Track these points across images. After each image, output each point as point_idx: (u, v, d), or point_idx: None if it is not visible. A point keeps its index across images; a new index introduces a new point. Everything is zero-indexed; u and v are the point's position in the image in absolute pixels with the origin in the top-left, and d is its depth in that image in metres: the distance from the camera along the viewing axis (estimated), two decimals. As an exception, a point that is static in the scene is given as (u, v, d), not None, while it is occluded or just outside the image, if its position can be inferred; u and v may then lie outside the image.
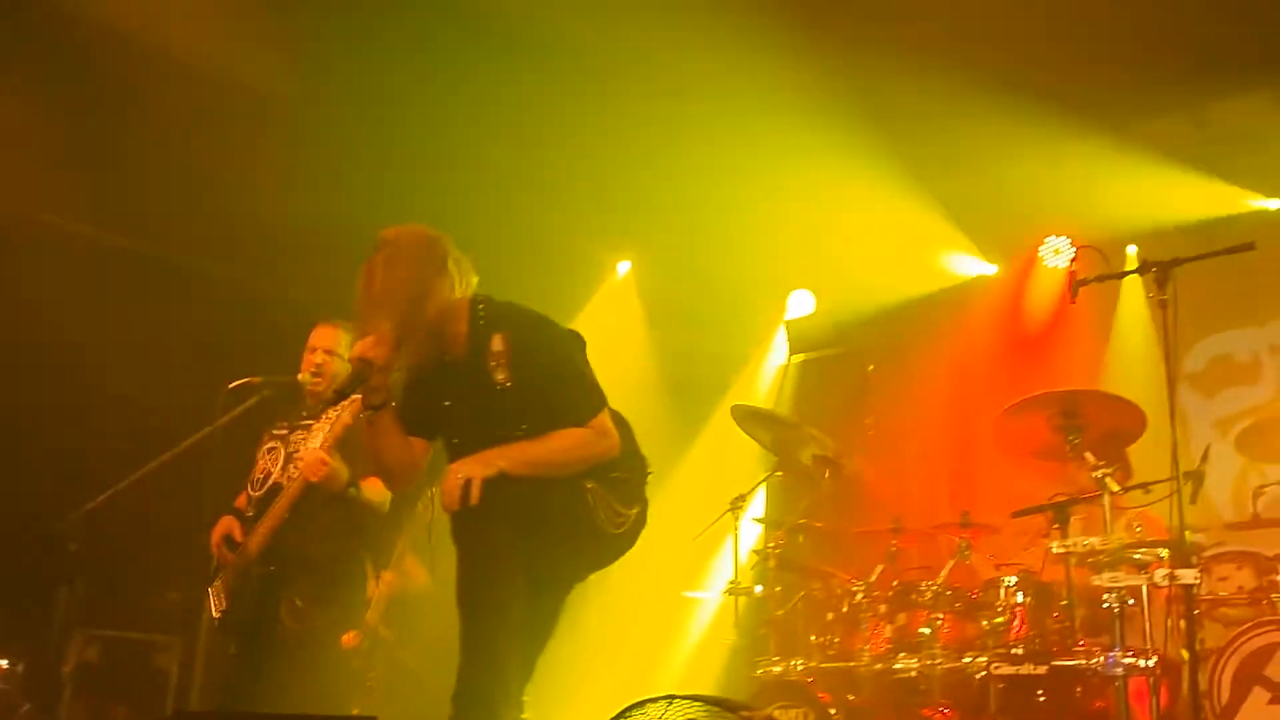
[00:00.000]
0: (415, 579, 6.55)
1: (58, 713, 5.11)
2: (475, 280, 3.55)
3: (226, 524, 4.60)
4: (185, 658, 6.24)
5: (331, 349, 4.78)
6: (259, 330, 6.57)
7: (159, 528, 5.53)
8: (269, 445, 4.79)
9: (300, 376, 4.76)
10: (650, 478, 3.72)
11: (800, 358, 8.32)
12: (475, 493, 3.23)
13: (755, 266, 8.38)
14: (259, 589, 4.46)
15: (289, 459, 4.61)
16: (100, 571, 4.75)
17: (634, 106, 7.28)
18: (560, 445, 3.38)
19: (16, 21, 5.87)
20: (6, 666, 5.48)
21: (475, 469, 3.26)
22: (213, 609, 4.57)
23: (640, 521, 3.58)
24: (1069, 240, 7.65)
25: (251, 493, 4.70)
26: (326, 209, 6.54)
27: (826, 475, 5.62)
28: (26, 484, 5.89)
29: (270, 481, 4.62)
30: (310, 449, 4.40)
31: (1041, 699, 4.58)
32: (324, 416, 4.45)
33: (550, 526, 3.40)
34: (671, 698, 2.93)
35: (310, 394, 4.74)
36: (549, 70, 6.94)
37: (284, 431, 4.76)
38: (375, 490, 4.55)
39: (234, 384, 4.67)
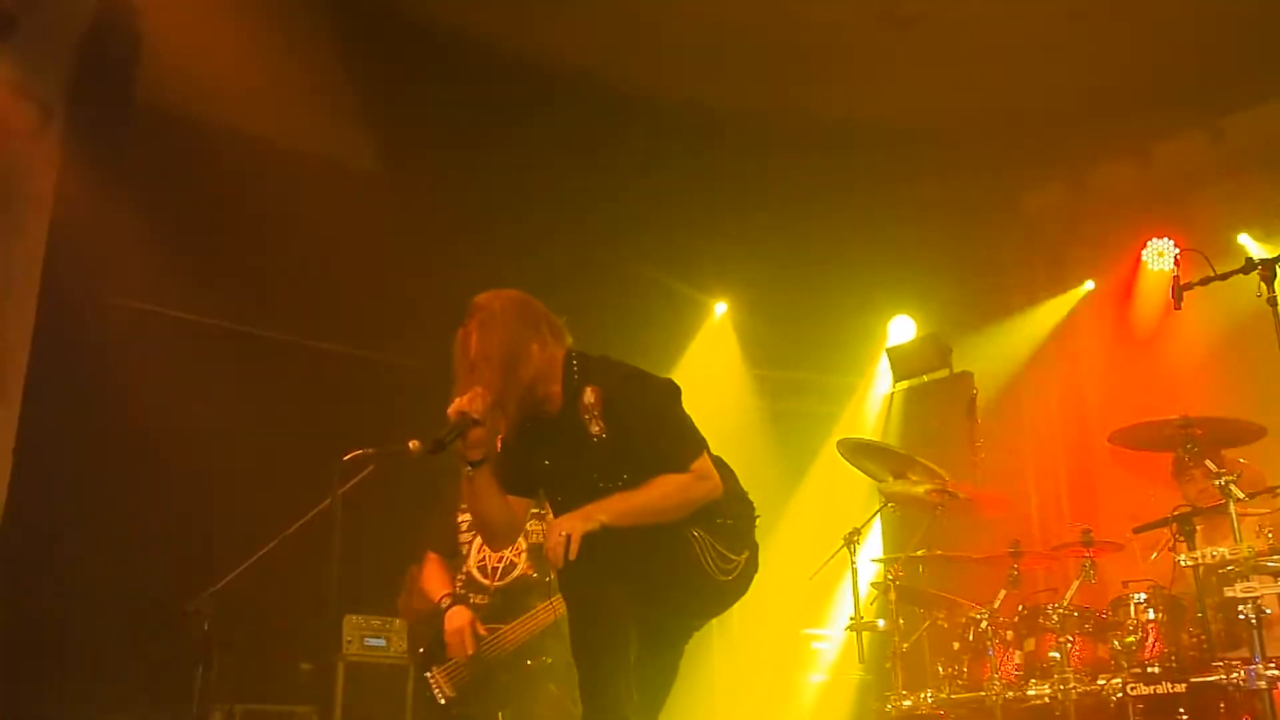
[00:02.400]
0: None
1: (204, 786, 5.24)
2: (569, 340, 3.59)
3: (466, 615, 4.64)
4: (322, 726, 6.37)
5: None
6: (372, 401, 6.75)
7: (286, 601, 5.69)
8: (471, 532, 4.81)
9: (411, 444, 4.86)
10: (762, 518, 3.71)
11: (904, 385, 8.23)
12: (574, 548, 3.23)
13: (852, 296, 8.38)
14: (509, 685, 4.53)
15: (534, 550, 4.63)
16: (237, 646, 4.92)
17: (716, 153, 7.41)
18: (661, 492, 3.37)
19: (117, 116, 6.17)
20: (151, 744, 5.66)
21: (576, 524, 3.27)
22: (437, 696, 4.64)
23: (752, 566, 3.55)
24: (1172, 242, 7.50)
25: (491, 581, 4.75)
26: (432, 278, 6.72)
27: (940, 503, 5.54)
28: (159, 566, 6.10)
29: (518, 573, 4.67)
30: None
31: (1184, 718, 4.43)
32: None
33: (658, 577, 3.39)
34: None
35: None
36: (639, 128, 7.12)
37: None
38: None
39: (348, 456, 4.79)
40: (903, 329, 8.67)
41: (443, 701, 4.60)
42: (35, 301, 5.88)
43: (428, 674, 4.71)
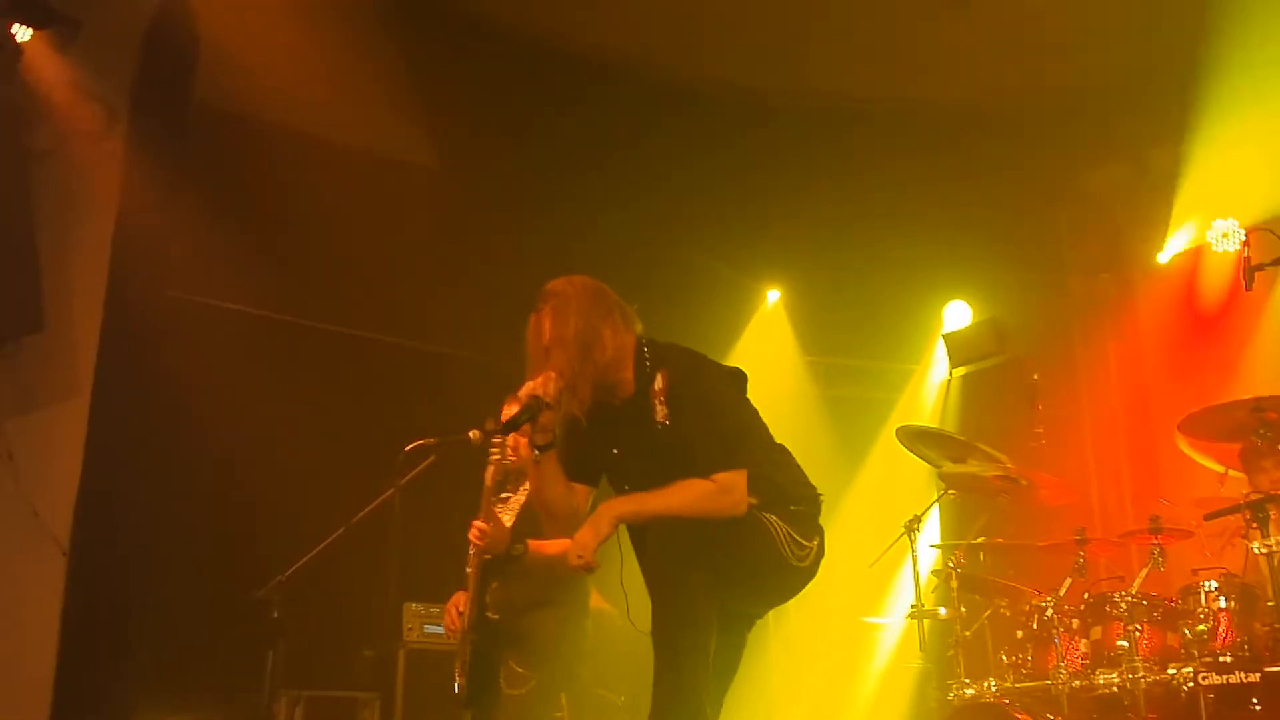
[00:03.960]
0: (605, 619, 6.66)
1: (270, 771, 5.33)
2: (640, 327, 3.59)
3: (457, 598, 4.77)
4: (385, 712, 6.45)
5: None
6: (431, 393, 6.82)
7: (351, 589, 5.76)
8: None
9: (472, 434, 4.90)
10: (822, 505, 3.71)
11: (962, 371, 8.15)
12: (590, 561, 3.29)
13: (906, 281, 8.30)
14: (474, 659, 4.58)
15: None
16: (301, 634, 4.99)
17: (768, 139, 7.37)
18: (680, 500, 3.33)
19: (177, 115, 6.27)
20: (222, 729, 5.77)
21: (588, 539, 3.30)
22: (457, 687, 4.72)
23: (820, 552, 3.56)
24: (1237, 223, 7.35)
25: (468, 569, 4.87)
26: (486, 270, 6.77)
27: (1002, 489, 5.48)
28: (228, 556, 6.21)
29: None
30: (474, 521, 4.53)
31: (1257, 708, 4.34)
32: (522, 489, 4.56)
33: (742, 565, 3.39)
34: (865, 729, 2.89)
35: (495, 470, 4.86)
36: (691, 115, 7.11)
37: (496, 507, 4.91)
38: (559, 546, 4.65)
39: (410, 446, 4.83)
40: (959, 314, 8.58)
41: (458, 690, 4.67)
42: (103, 298, 6.00)
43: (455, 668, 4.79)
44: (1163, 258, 7.89)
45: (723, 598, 3.35)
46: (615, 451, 3.58)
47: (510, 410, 4.83)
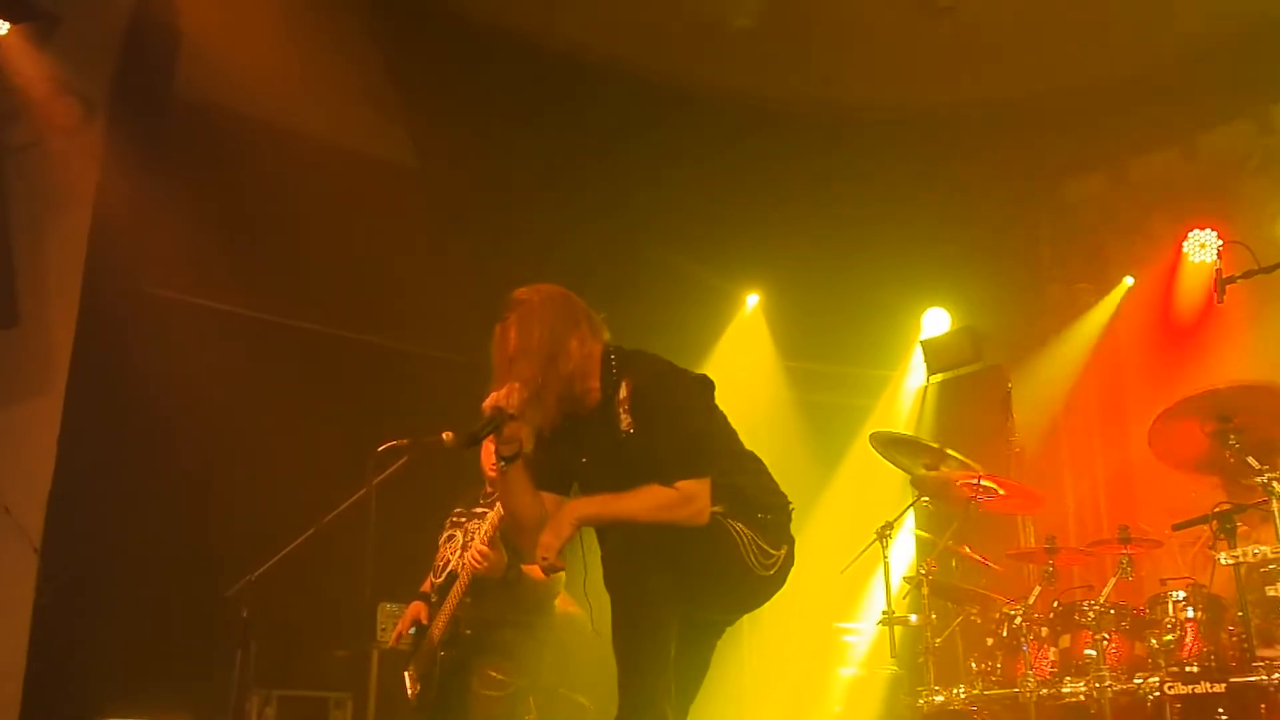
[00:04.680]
0: (573, 623, 6.67)
1: (242, 771, 5.32)
2: (608, 335, 3.56)
3: (414, 609, 4.84)
4: (358, 712, 6.44)
5: None
6: (406, 393, 6.81)
7: (324, 589, 5.75)
8: (448, 533, 4.99)
9: (445, 435, 4.88)
10: (795, 509, 3.68)
11: (939, 377, 8.17)
12: (554, 560, 3.27)
13: (886, 288, 8.32)
14: (444, 671, 4.65)
15: (465, 547, 4.77)
16: (272, 633, 4.98)
17: (748, 143, 7.38)
18: (641, 505, 3.30)
19: (157, 110, 6.25)
20: (193, 729, 5.75)
21: (550, 541, 3.27)
22: (409, 692, 4.74)
23: (789, 561, 3.54)
24: (1215, 233, 7.40)
25: (434, 579, 4.93)
26: (466, 270, 6.75)
27: (974, 496, 5.51)
28: (199, 554, 6.19)
29: (448, 569, 4.82)
30: (478, 541, 4.57)
31: (1223, 718, 4.37)
32: (496, 504, 4.56)
33: (705, 572, 3.37)
34: (832, 735, 2.90)
35: (488, 481, 4.86)
36: (671, 118, 7.11)
37: (461, 519, 4.96)
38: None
39: (382, 446, 4.81)
40: (937, 321, 8.61)
41: (411, 698, 4.70)
42: (78, 293, 5.97)
43: (404, 673, 4.82)
44: (1141, 268, 7.94)
45: (685, 604, 3.34)
46: (584, 460, 3.56)
47: None
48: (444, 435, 4.86)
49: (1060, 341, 8.03)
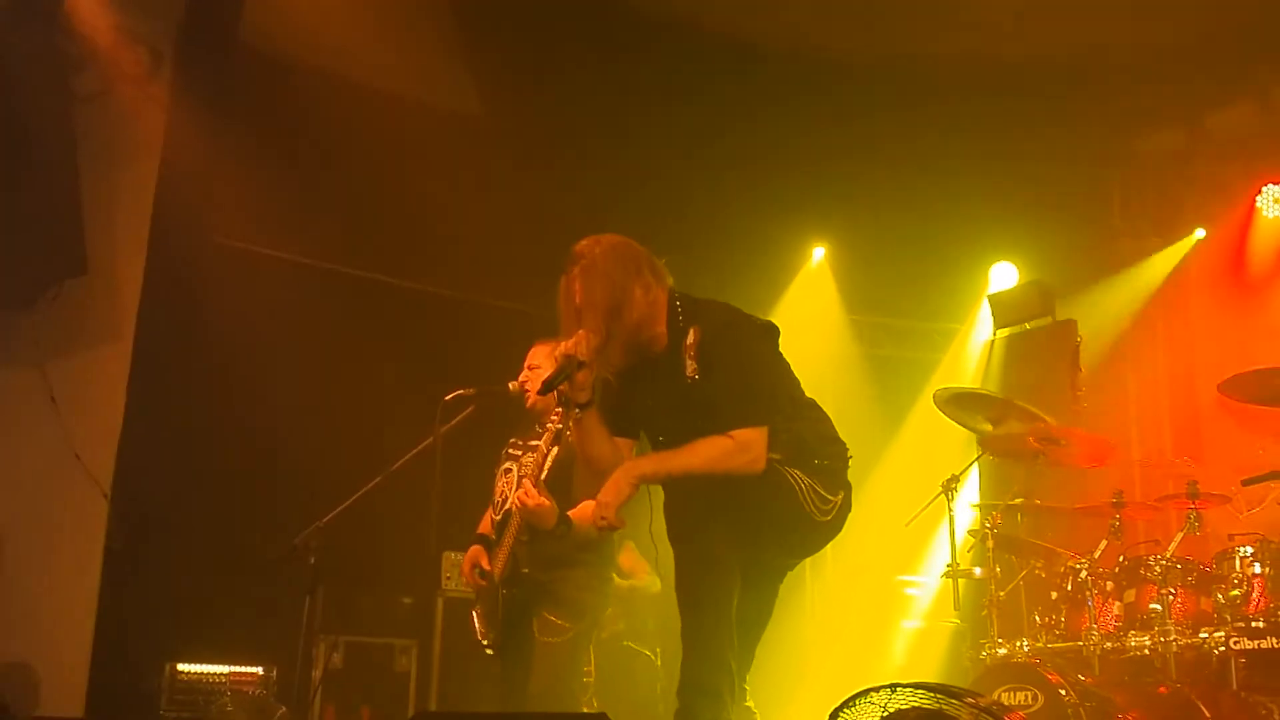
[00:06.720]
0: (641, 576, 6.73)
1: (310, 715, 5.42)
2: (671, 281, 3.58)
3: (474, 553, 4.77)
4: (423, 659, 6.53)
5: (543, 365, 4.86)
6: (472, 343, 6.84)
7: (390, 537, 5.83)
8: (505, 466, 4.93)
9: (511, 385, 4.90)
10: (858, 464, 3.71)
11: (1006, 332, 8.06)
12: (612, 519, 3.31)
13: (953, 241, 8.22)
14: (507, 611, 4.63)
15: (520, 482, 4.74)
16: (339, 580, 5.06)
17: (815, 97, 7.28)
18: (701, 458, 3.35)
19: (223, 60, 6.27)
20: (263, 673, 5.85)
21: (609, 500, 3.32)
22: (477, 634, 4.77)
23: (846, 507, 3.57)
24: (1291, 188, 7.22)
25: (494, 516, 4.88)
26: (531, 220, 6.75)
27: (1041, 449, 5.44)
28: (268, 501, 6.29)
29: (506, 505, 4.76)
30: (527, 481, 4.54)
31: (1289, 674, 4.32)
32: (546, 436, 4.54)
33: (762, 519, 3.42)
34: (895, 686, 2.90)
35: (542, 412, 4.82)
36: (738, 71, 7.03)
37: (518, 452, 4.90)
38: None
39: (449, 396, 4.84)
40: (1005, 275, 8.49)
41: (481, 640, 4.71)
42: (146, 243, 6.04)
43: (472, 612, 4.82)
44: (1213, 223, 7.77)
45: (744, 549, 3.38)
46: (650, 404, 3.61)
47: (536, 357, 4.87)
48: (510, 385, 4.91)
49: (1129, 296, 7.89)
